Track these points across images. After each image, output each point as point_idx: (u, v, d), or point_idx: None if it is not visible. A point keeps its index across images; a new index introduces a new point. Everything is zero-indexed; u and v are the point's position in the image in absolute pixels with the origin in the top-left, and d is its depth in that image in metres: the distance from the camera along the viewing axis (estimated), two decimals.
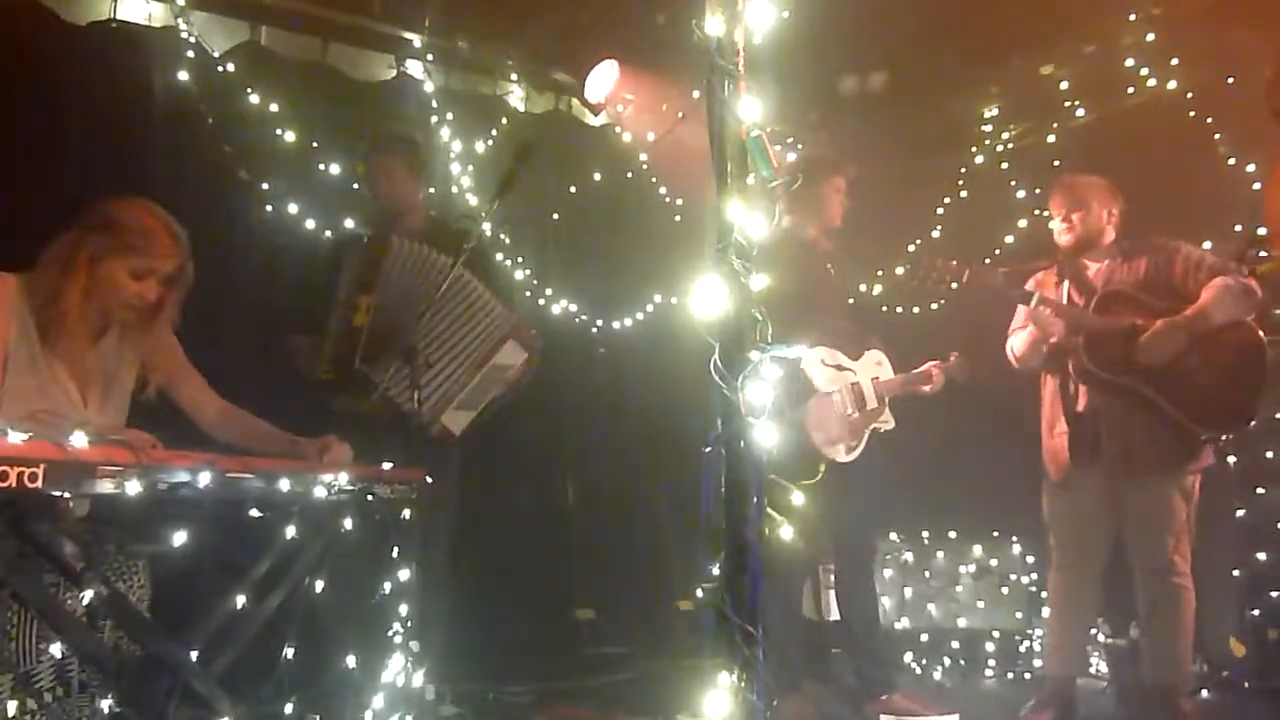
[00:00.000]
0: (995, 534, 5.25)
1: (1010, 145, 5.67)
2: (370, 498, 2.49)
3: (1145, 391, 3.67)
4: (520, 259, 5.06)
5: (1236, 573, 4.52)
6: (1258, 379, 3.65)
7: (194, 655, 2.20)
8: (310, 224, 4.32)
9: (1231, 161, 4.91)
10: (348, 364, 3.37)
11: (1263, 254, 4.27)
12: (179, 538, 2.18)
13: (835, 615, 4.54)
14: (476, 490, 3.92)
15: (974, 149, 5.68)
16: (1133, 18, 4.83)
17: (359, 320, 3.39)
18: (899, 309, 5.51)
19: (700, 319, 1.53)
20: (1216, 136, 4.95)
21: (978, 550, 5.22)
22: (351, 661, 2.69)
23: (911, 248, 5.59)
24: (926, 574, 5.18)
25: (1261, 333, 3.69)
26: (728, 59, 1.56)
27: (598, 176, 5.42)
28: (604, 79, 5.09)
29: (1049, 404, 3.96)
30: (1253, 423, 3.77)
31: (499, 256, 4.88)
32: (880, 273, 5.57)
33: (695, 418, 1.70)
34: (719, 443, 1.52)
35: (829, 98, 5.49)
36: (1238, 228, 4.70)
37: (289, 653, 2.51)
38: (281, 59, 4.51)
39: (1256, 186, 4.82)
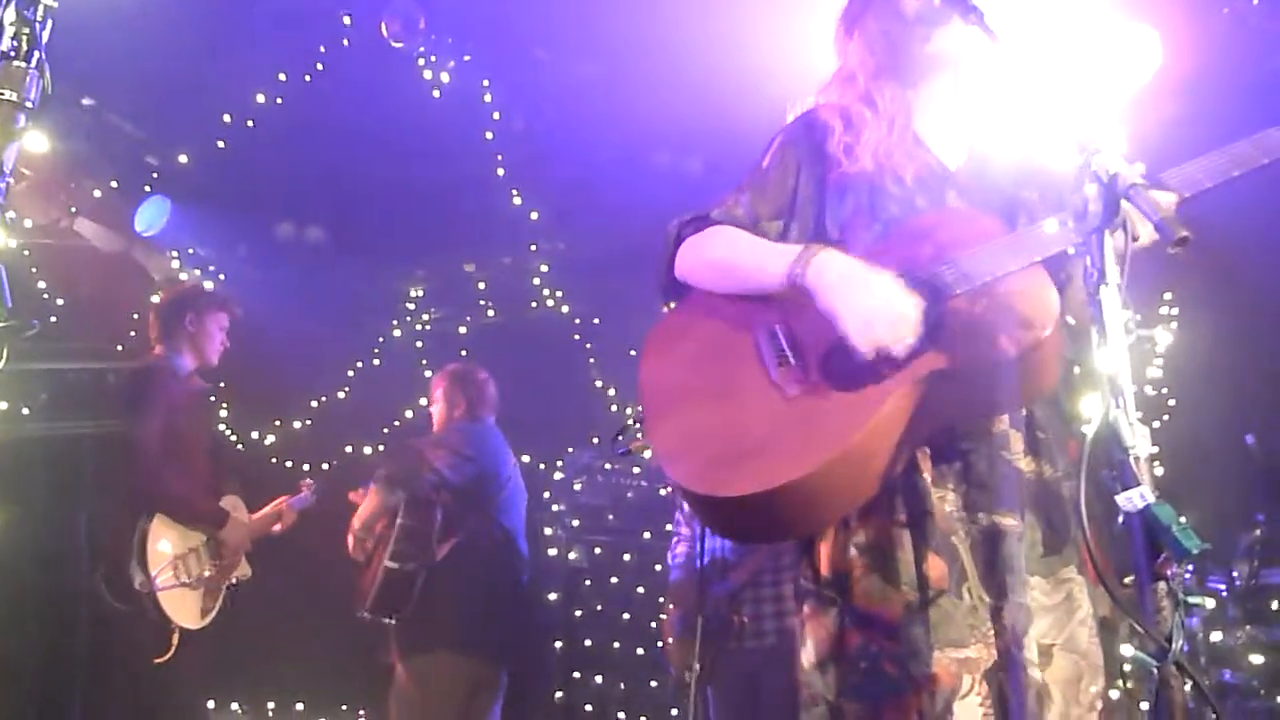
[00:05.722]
0: (344, 707, 5.16)
1: (428, 327, 6.03)
2: None
3: None
4: None
5: None
6: None
7: None
8: None
9: (599, 384, 5.72)
10: None
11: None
12: None
13: None
14: None
15: (395, 322, 5.93)
16: (533, 249, 5.51)
17: None
18: (289, 463, 5.42)
19: None
20: (591, 361, 5.75)
21: None
22: None
23: (315, 404, 5.58)
24: None
25: None
26: None
27: None
28: None
29: None
30: None
31: None
32: (278, 423, 5.47)
33: None
34: None
35: (266, 238, 5.46)
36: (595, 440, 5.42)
37: None
38: None
39: (614, 409, 5.65)
